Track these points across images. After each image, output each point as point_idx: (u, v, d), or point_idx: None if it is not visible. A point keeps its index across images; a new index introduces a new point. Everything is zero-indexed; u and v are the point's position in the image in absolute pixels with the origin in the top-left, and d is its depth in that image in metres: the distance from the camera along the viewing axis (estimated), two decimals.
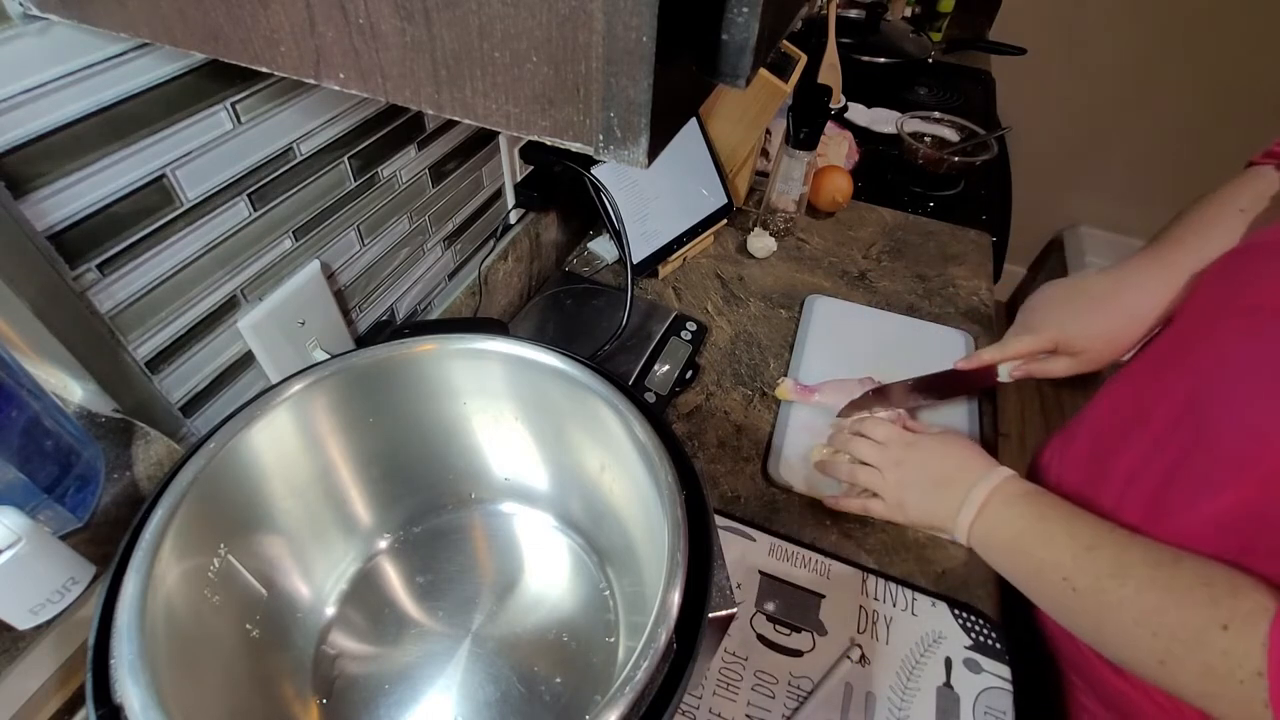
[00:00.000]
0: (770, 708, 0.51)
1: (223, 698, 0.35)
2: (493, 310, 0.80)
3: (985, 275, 0.93)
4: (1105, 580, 0.44)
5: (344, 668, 0.43)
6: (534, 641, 0.45)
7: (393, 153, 0.58)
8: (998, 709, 0.51)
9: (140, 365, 0.42)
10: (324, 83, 0.24)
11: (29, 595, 0.32)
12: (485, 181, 0.74)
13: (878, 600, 0.57)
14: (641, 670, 0.28)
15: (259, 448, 0.39)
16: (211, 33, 0.25)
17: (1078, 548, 0.46)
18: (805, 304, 0.86)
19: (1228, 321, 0.47)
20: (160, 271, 0.42)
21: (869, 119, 1.23)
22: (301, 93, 0.47)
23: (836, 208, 0.99)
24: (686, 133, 0.88)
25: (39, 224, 0.35)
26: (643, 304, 0.81)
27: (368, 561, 0.48)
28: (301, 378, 0.40)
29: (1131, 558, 0.44)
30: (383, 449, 0.46)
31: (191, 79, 0.39)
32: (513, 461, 0.50)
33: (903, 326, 0.83)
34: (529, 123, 0.22)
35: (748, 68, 0.21)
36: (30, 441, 0.33)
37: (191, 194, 0.42)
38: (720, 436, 0.71)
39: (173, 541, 0.33)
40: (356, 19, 0.22)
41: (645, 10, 0.17)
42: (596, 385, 0.41)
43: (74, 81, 0.34)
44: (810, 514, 0.64)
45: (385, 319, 0.66)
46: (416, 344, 0.43)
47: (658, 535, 0.35)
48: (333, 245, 0.55)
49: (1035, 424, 2.05)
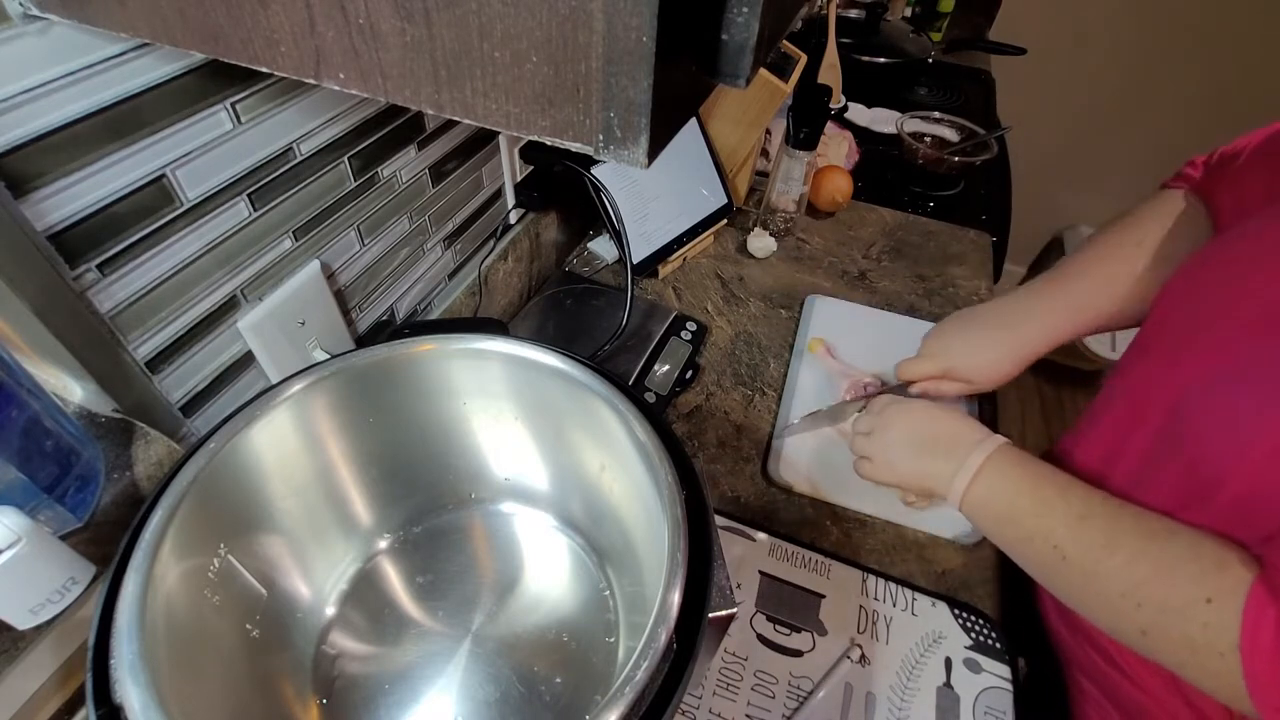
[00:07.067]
0: (770, 708, 0.51)
1: (223, 698, 0.35)
2: (493, 310, 0.80)
3: (985, 275, 0.93)
4: (1096, 550, 0.44)
5: (344, 668, 0.43)
6: (534, 641, 0.45)
7: (393, 153, 0.58)
8: (998, 709, 0.51)
9: (140, 365, 0.42)
10: (324, 83, 0.24)
11: (29, 595, 0.32)
12: (485, 181, 0.74)
13: (878, 600, 0.57)
14: (641, 670, 0.28)
15: (259, 448, 0.39)
16: (211, 33, 0.25)
17: (1071, 516, 0.46)
18: (805, 304, 0.86)
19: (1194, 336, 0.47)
20: (160, 271, 0.42)
21: (869, 119, 1.23)
22: (301, 93, 0.47)
23: (836, 208, 0.99)
24: (686, 133, 0.88)
25: (39, 224, 0.35)
26: (643, 304, 0.80)
27: (368, 561, 0.48)
28: (301, 378, 0.40)
29: (1123, 528, 0.44)
30: (383, 449, 0.46)
31: (191, 79, 0.39)
32: (513, 461, 0.50)
33: (903, 326, 0.83)
34: (529, 123, 0.22)
35: (748, 68, 0.21)
36: (30, 441, 0.33)
37: (191, 194, 0.42)
38: (720, 436, 0.71)
39: (173, 541, 0.33)
40: (356, 19, 0.22)
41: (645, 10, 0.17)
42: (596, 385, 0.41)
43: (74, 81, 0.34)
44: (810, 514, 0.64)
45: (385, 319, 0.66)
46: (416, 344, 0.43)
47: (658, 535, 0.35)
48: (333, 245, 0.55)
49: (1035, 424, 2.05)
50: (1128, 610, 0.42)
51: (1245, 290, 0.44)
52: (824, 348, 0.78)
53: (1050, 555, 0.46)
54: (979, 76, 1.48)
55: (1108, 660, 0.53)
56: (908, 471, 0.56)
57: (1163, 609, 0.41)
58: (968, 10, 1.70)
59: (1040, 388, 2.14)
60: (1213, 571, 0.40)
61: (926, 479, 0.55)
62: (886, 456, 0.57)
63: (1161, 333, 0.52)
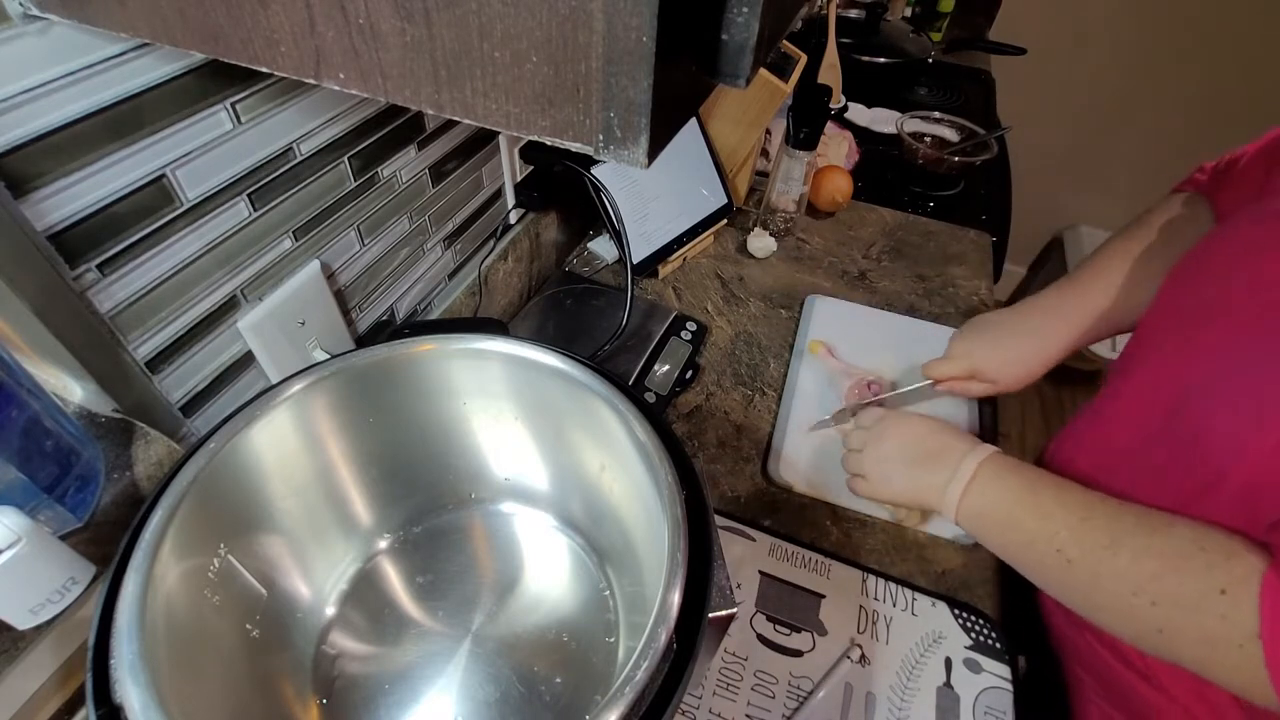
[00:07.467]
0: (770, 708, 0.51)
1: (223, 698, 0.35)
2: (493, 310, 0.80)
3: (985, 275, 0.93)
4: (1100, 551, 0.44)
5: (344, 668, 0.43)
6: (534, 641, 0.45)
7: (393, 153, 0.58)
8: (998, 709, 0.51)
9: (140, 365, 0.42)
10: (324, 83, 0.24)
11: (29, 595, 0.32)
12: (485, 181, 0.74)
13: (878, 600, 0.57)
14: (641, 670, 0.28)
15: (259, 448, 0.39)
16: (211, 33, 0.25)
17: (1071, 519, 0.46)
18: (805, 304, 0.86)
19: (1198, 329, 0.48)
20: (160, 271, 0.42)
21: (869, 119, 1.23)
22: (301, 93, 0.47)
23: (836, 208, 0.99)
24: (686, 133, 0.88)
25: (39, 224, 0.35)
26: (643, 304, 0.80)
27: (368, 561, 0.48)
28: (301, 378, 0.40)
29: (1125, 525, 0.44)
30: (383, 449, 0.46)
31: (191, 79, 0.39)
32: (513, 461, 0.50)
33: (903, 326, 0.84)
34: (529, 123, 0.22)
35: (748, 68, 0.21)
36: (30, 441, 0.33)
37: (191, 194, 0.42)
38: (720, 436, 0.71)
39: (173, 541, 0.33)
40: (356, 19, 0.22)
41: (645, 10, 0.17)
42: (596, 385, 0.41)
43: (74, 81, 0.34)
44: (810, 514, 0.64)
45: (385, 319, 0.66)
46: (416, 344, 0.43)
47: (658, 535, 0.35)
48: (333, 245, 0.55)
49: (1035, 424, 2.05)
50: (1141, 609, 0.42)
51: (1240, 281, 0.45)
52: (824, 348, 0.79)
53: (1055, 560, 0.46)
54: (979, 76, 1.48)
55: (1112, 650, 0.53)
56: (903, 487, 0.56)
57: (1177, 604, 0.40)
58: (968, 10, 1.70)
59: (1040, 388, 2.14)
60: (1222, 562, 0.39)
61: (920, 493, 0.54)
62: (882, 471, 0.57)
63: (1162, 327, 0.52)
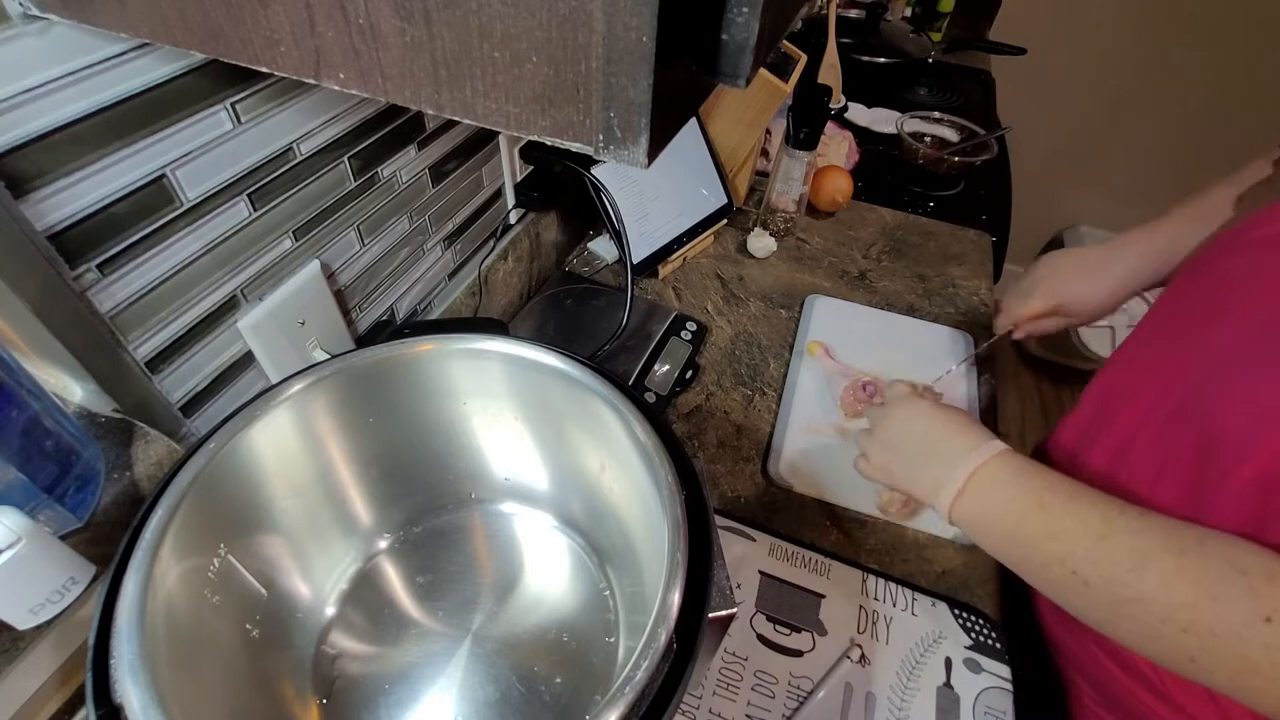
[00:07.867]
0: (770, 708, 0.51)
1: (223, 698, 0.35)
2: (493, 310, 0.80)
3: (985, 275, 0.93)
4: (1124, 574, 0.40)
5: (344, 668, 0.43)
6: (534, 641, 0.45)
7: (393, 153, 0.58)
8: (998, 709, 0.51)
9: (140, 365, 0.42)
10: (324, 83, 0.24)
11: (29, 595, 0.32)
12: (485, 181, 0.74)
13: (878, 600, 0.57)
14: (641, 670, 0.28)
15: (259, 448, 0.39)
16: (211, 33, 0.25)
17: (1089, 538, 0.42)
18: (805, 304, 0.86)
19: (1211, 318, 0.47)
20: (160, 271, 0.42)
21: (869, 119, 1.23)
22: (301, 93, 0.47)
23: (836, 208, 0.99)
24: (686, 133, 0.88)
25: (39, 224, 0.35)
26: (643, 304, 0.80)
27: (368, 561, 0.48)
28: (301, 378, 0.40)
29: (1150, 545, 0.40)
30: (383, 449, 0.46)
31: (191, 79, 0.39)
32: (513, 461, 0.50)
33: (903, 326, 0.84)
34: (529, 123, 0.22)
35: (748, 68, 0.21)
36: (30, 441, 0.33)
37: (191, 194, 0.42)
38: (720, 436, 0.71)
39: (173, 541, 0.33)
40: (356, 19, 0.22)
41: (645, 10, 0.17)
42: (596, 385, 0.41)
43: (74, 81, 0.34)
44: (810, 514, 0.64)
45: (385, 319, 0.66)
46: (416, 344, 0.43)
47: (658, 535, 0.35)
48: (333, 245, 0.55)
49: (1035, 423, 2.05)
50: (1170, 636, 0.38)
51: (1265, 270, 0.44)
52: (822, 349, 0.79)
53: (1070, 581, 0.42)
54: (979, 76, 1.48)
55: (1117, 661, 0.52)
56: (901, 476, 0.54)
57: (1213, 633, 0.37)
58: (968, 10, 1.70)
59: (1040, 388, 2.14)
60: (1264, 586, 0.36)
61: (916, 489, 0.52)
62: (883, 455, 0.55)
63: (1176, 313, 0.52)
